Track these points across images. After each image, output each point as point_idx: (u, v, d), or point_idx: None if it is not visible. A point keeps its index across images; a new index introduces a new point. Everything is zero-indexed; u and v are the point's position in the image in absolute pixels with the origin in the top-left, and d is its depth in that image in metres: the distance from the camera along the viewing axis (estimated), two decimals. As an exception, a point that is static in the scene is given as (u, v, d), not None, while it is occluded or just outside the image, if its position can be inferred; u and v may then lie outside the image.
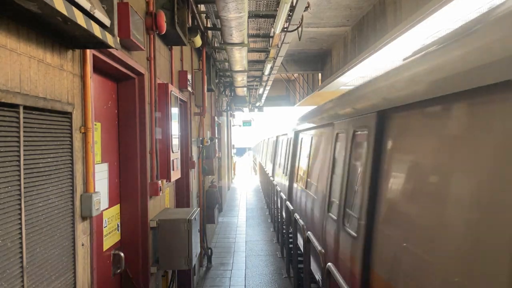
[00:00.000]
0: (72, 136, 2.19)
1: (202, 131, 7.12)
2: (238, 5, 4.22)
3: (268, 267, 7.16)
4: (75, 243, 2.23)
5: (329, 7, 9.24)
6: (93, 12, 1.90)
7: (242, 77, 9.54)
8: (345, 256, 3.29)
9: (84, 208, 2.33)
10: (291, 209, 6.34)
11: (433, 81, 1.99)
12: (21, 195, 1.73)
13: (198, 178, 6.94)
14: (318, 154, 5.31)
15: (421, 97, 2.12)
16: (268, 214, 11.90)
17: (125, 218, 3.49)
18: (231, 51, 6.46)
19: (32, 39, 1.84)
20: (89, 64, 2.40)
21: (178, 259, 3.77)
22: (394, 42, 8.00)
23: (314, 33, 11.48)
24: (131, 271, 3.43)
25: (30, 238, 1.81)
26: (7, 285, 1.62)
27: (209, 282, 6.42)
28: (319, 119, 5.24)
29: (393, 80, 2.64)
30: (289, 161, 7.65)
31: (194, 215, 3.96)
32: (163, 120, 4.05)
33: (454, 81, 1.77)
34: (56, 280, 2.03)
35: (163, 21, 3.68)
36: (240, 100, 15.44)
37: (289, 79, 20.98)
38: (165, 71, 4.46)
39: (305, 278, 4.59)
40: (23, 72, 1.78)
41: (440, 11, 5.98)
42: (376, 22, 8.78)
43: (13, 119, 1.69)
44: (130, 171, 3.48)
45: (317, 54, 14.46)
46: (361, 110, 3.29)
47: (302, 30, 6.12)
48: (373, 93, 3.03)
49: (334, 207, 3.89)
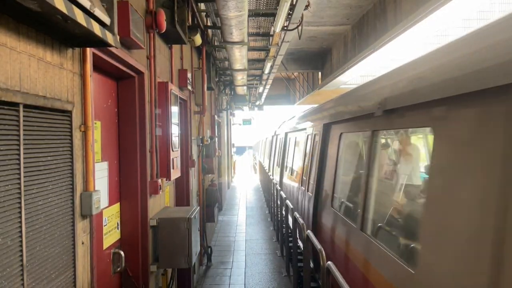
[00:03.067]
0: (72, 135, 2.19)
1: (202, 130, 7.12)
2: (238, 4, 4.21)
3: (267, 265, 7.17)
4: (75, 241, 2.23)
5: (329, 6, 9.22)
6: (93, 11, 1.90)
7: (242, 75, 9.53)
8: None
9: (84, 206, 2.33)
10: (290, 207, 6.34)
11: (337, 113, 4.12)
12: (21, 193, 1.73)
13: (198, 177, 6.94)
14: (299, 153, 7.03)
15: (338, 118, 4.32)
16: (268, 213, 11.90)
17: (125, 217, 3.49)
18: (231, 50, 6.45)
19: (32, 38, 1.84)
20: (89, 63, 2.40)
21: (178, 257, 3.78)
22: (394, 41, 7.99)
23: (314, 32, 11.46)
24: (131, 270, 3.43)
25: (30, 237, 1.81)
26: (7, 283, 1.62)
27: (209, 280, 6.42)
28: (297, 124, 7.52)
29: (330, 106, 4.85)
30: (285, 159, 8.87)
31: (194, 213, 3.97)
32: (163, 119, 4.05)
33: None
34: (56, 278, 2.03)
35: (163, 20, 3.67)
36: (240, 99, 15.44)
37: (289, 78, 20.97)
38: (165, 69, 4.45)
39: (305, 277, 4.60)
40: (23, 71, 1.77)
41: (440, 10, 5.97)
42: (376, 21, 8.77)
43: (13, 117, 1.69)
44: (130, 169, 3.48)
45: (317, 53, 14.45)
46: (316, 121, 5.57)
47: (302, 28, 6.12)
48: (321, 112, 5.33)
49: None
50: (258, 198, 15.53)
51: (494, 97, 1.57)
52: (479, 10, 6.63)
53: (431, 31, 7.14)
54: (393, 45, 8.22)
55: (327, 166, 4.75)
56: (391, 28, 7.74)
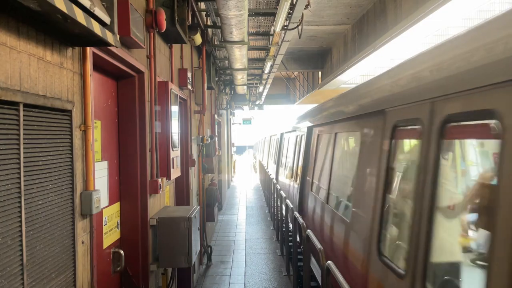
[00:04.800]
0: (72, 134, 2.19)
1: (202, 129, 7.12)
2: (238, 3, 4.21)
3: (267, 265, 7.17)
4: (75, 241, 2.23)
5: (329, 5, 9.23)
6: (93, 10, 1.90)
7: (242, 75, 9.53)
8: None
9: (84, 206, 2.33)
10: (290, 207, 6.35)
11: (315, 118, 5.51)
12: (21, 193, 1.73)
13: (198, 176, 6.94)
14: (290, 151, 8.14)
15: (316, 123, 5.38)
16: (268, 213, 11.91)
17: (125, 216, 3.49)
18: (231, 49, 6.45)
19: (32, 37, 1.84)
20: (89, 62, 2.40)
21: (178, 257, 3.78)
22: (394, 40, 7.99)
23: (314, 31, 11.46)
24: (131, 269, 3.43)
25: (30, 236, 1.81)
26: (7, 283, 1.62)
27: (209, 280, 6.43)
28: (290, 126, 8.54)
29: (313, 112, 5.95)
30: (280, 157, 9.63)
31: (194, 213, 3.97)
32: (163, 118, 4.05)
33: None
34: (56, 277, 2.04)
35: (163, 19, 3.67)
36: (240, 98, 15.45)
37: (289, 77, 20.97)
38: (165, 69, 4.45)
39: (305, 276, 4.60)
40: (23, 70, 1.77)
41: (441, 9, 5.97)
42: (376, 20, 8.77)
43: (13, 116, 1.69)
44: (130, 169, 3.48)
45: (317, 52, 14.45)
46: (303, 123, 6.69)
47: (302, 28, 6.11)
48: (307, 117, 6.43)
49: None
50: (258, 198, 15.54)
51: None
52: (479, 10, 6.63)
53: (431, 31, 7.14)
54: (393, 45, 8.22)
55: (309, 161, 6.14)
56: (391, 27, 7.75)
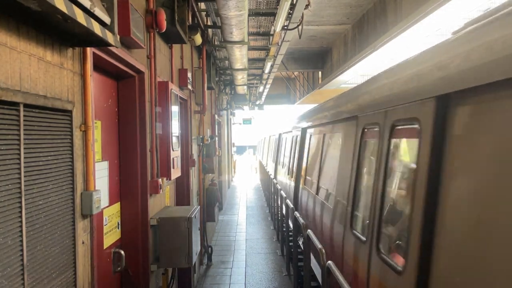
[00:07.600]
0: (72, 134, 2.19)
1: (202, 129, 7.12)
2: (239, 3, 4.21)
3: (268, 265, 7.17)
4: (76, 241, 2.23)
5: (330, 5, 9.22)
6: (93, 10, 1.90)
7: (242, 75, 9.53)
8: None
9: (85, 206, 2.33)
10: (290, 207, 6.35)
11: (308, 121, 6.16)
12: (21, 193, 1.73)
13: (198, 176, 6.94)
14: (287, 150, 8.74)
15: (309, 124, 6.16)
16: (268, 212, 11.91)
17: (125, 216, 3.49)
18: (231, 49, 6.45)
19: (32, 37, 1.84)
20: (89, 62, 2.40)
21: (179, 257, 3.78)
22: (394, 40, 7.99)
23: (314, 31, 11.46)
24: (131, 269, 3.44)
25: (31, 236, 1.81)
26: (7, 283, 1.62)
27: (209, 280, 6.43)
28: (288, 127, 9.04)
29: (307, 115, 6.42)
30: (279, 156, 9.92)
31: (194, 213, 3.97)
32: (163, 118, 4.05)
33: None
34: (57, 278, 2.04)
35: (163, 19, 3.67)
36: (240, 98, 15.44)
37: (289, 77, 20.97)
38: (165, 69, 4.45)
39: (305, 276, 4.60)
40: (23, 70, 1.77)
41: (441, 9, 5.97)
42: (377, 20, 8.76)
43: (14, 117, 1.69)
44: (130, 169, 3.48)
45: (317, 52, 14.44)
46: (298, 125, 7.17)
47: (302, 28, 6.11)
48: (302, 119, 6.89)
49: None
50: (259, 198, 15.54)
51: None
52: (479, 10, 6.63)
53: (431, 30, 7.13)
54: (394, 44, 8.22)
55: (303, 159, 6.64)
56: (391, 27, 7.74)
